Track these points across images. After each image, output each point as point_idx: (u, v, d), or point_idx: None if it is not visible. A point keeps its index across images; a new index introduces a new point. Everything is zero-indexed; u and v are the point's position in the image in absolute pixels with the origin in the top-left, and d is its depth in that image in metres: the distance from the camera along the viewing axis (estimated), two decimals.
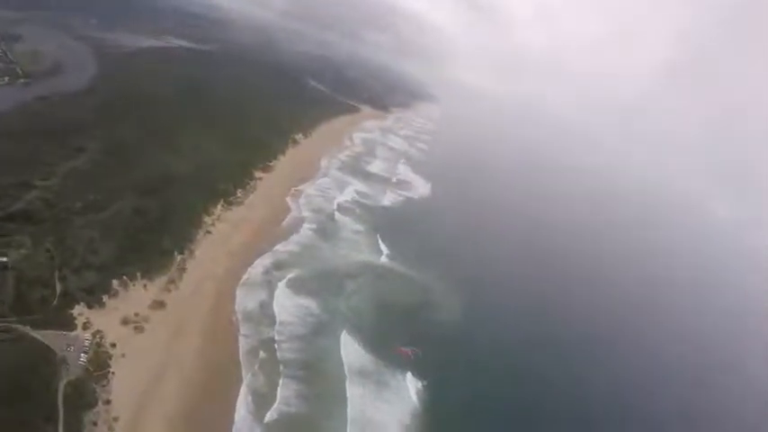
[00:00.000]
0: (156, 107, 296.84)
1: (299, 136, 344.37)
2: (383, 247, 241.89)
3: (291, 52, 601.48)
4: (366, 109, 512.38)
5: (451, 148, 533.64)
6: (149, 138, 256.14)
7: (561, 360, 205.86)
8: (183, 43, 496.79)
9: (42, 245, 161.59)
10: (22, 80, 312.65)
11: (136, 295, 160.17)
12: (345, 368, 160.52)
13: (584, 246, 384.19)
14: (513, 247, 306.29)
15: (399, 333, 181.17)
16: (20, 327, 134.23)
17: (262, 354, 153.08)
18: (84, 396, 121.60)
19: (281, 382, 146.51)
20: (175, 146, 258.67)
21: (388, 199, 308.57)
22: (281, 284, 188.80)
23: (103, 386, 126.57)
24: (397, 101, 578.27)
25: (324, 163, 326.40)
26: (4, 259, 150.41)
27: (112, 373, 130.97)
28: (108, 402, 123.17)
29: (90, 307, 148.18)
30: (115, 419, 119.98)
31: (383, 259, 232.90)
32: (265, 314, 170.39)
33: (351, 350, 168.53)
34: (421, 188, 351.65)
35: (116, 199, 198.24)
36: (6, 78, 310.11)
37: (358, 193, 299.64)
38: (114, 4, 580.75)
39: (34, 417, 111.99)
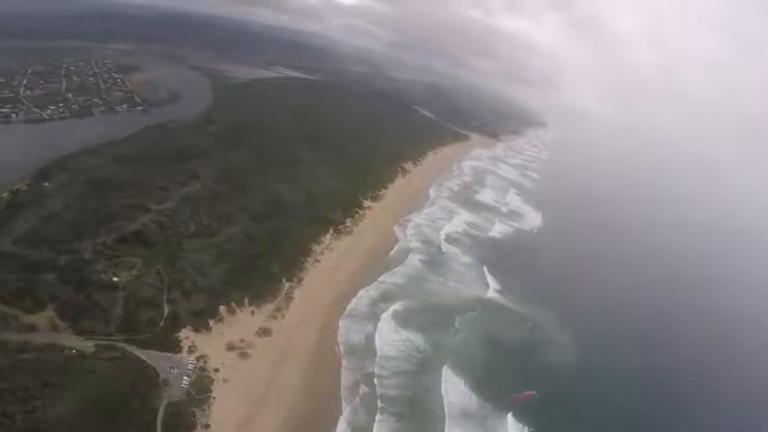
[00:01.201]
0: (267, 135, 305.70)
1: (408, 164, 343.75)
2: (491, 280, 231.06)
3: (399, 80, 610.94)
4: (475, 136, 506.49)
5: (563, 176, 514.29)
6: (261, 165, 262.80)
7: (685, 408, 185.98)
8: (293, 73, 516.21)
9: (153, 267, 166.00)
10: (139, 107, 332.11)
11: (243, 321, 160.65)
12: (446, 408, 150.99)
13: (701, 277, 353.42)
14: (629, 284, 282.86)
15: (506, 373, 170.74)
16: (126, 346, 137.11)
17: (363, 388, 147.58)
18: (183, 419, 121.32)
19: (378, 418, 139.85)
20: (287, 173, 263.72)
21: (498, 230, 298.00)
22: (386, 317, 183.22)
23: (204, 410, 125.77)
24: (506, 127, 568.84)
25: (432, 192, 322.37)
26: (115, 279, 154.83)
27: (214, 397, 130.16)
28: (207, 427, 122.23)
29: (196, 330, 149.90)
30: None
31: (491, 294, 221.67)
32: (368, 347, 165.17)
33: (453, 389, 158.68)
34: (532, 219, 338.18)
35: (228, 224, 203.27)
36: (125, 106, 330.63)
37: (467, 223, 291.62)
38: (227, 37, 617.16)
39: None
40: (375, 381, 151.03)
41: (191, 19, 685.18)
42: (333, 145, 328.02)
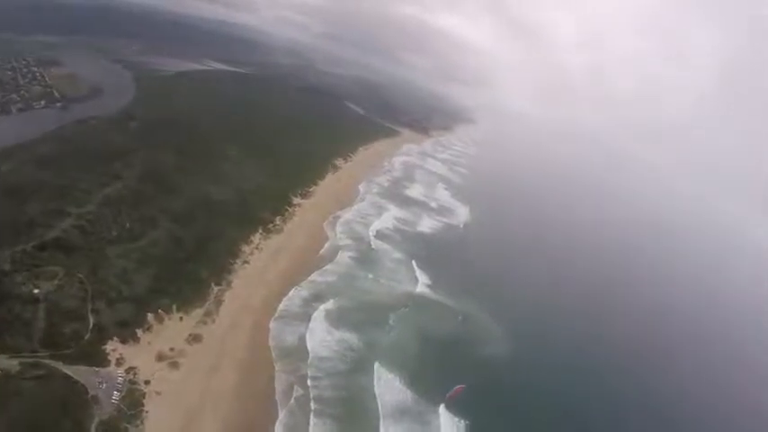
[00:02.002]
0: (194, 131, 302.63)
1: (338, 160, 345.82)
2: (421, 276, 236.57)
3: (330, 74, 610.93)
4: (405, 132, 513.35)
5: (492, 172, 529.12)
6: (187, 163, 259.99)
7: (608, 403, 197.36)
8: (223, 67, 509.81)
9: (75, 276, 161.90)
10: (58, 104, 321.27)
11: (171, 329, 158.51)
12: (380, 407, 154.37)
13: (626, 270, 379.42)
14: (556, 278, 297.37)
15: (438, 368, 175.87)
16: (51, 362, 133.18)
17: (297, 390, 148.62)
18: None
19: (313, 420, 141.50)
20: (214, 172, 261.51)
21: (427, 225, 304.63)
22: (318, 316, 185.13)
23: (137, 426, 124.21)
24: (436, 124, 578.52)
25: (362, 188, 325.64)
26: (36, 291, 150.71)
27: (146, 411, 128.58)
28: None
29: (124, 342, 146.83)
30: None
31: (422, 289, 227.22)
32: (301, 348, 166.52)
33: (387, 387, 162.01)
34: (460, 213, 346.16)
35: (152, 227, 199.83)
36: (43, 102, 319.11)
37: (396, 218, 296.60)
38: (157, 29, 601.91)
39: None
40: (309, 382, 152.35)
41: (120, 10, 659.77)
42: (262, 141, 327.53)
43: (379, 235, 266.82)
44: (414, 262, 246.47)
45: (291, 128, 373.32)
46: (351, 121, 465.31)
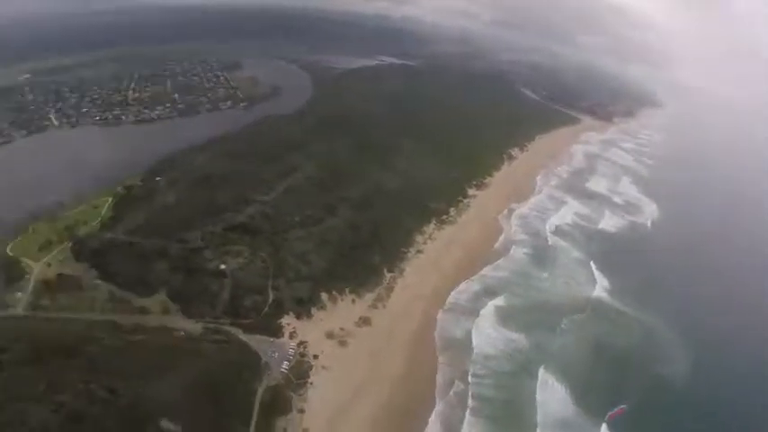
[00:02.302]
0: (367, 124, 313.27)
1: (514, 150, 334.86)
2: (600, 278, 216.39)
3: (503, 61, 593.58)
4: (586, 119, 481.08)
5: (682, 163, 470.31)
6: (362, 155, 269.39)
7: None
8: (392, 60, 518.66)
9: (259, 255, 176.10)
10: (242, 104, 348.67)
11: (343, 310, 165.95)
12: (539, 415, 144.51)
13: None
14: (756, 288, 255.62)
15: (608, 383, 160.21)
16: (231, 329, 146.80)
17: (457, 385, 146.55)
18: (280, 402, 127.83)
19: (468, 417, 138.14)
20: (388, 163, 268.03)
21: (609, 222, 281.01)
22: (487, 312, 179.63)
23: (300, 395, 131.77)
24: (619, 109, 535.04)
25: (540, 179, 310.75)
26: (223, 267, 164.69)
27: (311, 383, 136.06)
28: (302, 411, 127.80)
29: (298, 317, 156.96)
30: (305, 430, 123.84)
31: (600, 293, 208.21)
32: (467, 343, 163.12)
33: (550, 396, 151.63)
34: (646, 210, 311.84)
35: (331, 214, 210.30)
36: (229, 102, 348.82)
37: (576, 213, 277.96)
38: (322, 28, 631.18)
39: (229, 415, 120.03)
40: (470, 378, 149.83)
41: (289, 13, 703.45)
42: (435, 131, 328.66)
43: (557, 231, 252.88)
44: (593, 263, 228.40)
45: (465, 117, 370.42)
46: (527, 109, 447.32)
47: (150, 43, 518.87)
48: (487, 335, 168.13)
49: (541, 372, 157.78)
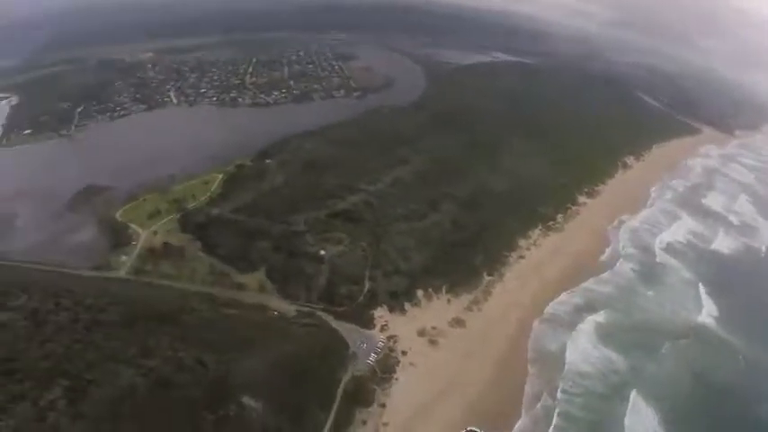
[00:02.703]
0: (479, 121, 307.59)
1: (629, 158, 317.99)
2: (708, 303, 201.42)
3: (620, 63, 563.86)
4: (706, 130, 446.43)
5: None
6: (472, 152, 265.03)
7: None
8: (506, 57, 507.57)
9: (359, 244, 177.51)
10: (355, 93, 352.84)
11: (438, 308, 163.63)
12: None
13: None
14: None
15: (703, 416, 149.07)
16: (323, 315, 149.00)
17: (545, 399, 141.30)
18: (362, 394, 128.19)
19: None
20: (498, 162, 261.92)
21: (724, 243, 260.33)
22: (586, 328, 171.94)
23: (384, 389, 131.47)
24: (742, 121, 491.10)
25: (654, 192, 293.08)
26: (322, 253, 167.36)
27: (396, 379, 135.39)
28: (383, 406, 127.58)
29: (391, 311, 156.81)
30: (385, 424, 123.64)
31: (706, 319, 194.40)
32: (561, 358, 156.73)
33: (639, 422, 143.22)
34: (764, 234, 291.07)
35: (435, 210, 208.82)
36: (342, 91, 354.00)
37: (689, 231, 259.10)
38: (439, 22, 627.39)
39: (311, 401, 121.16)
40: (559, 395, 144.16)
41: (404, 5, 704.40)
42: (548, 133, 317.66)
43: (667, 248, 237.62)
44: (701, 285, 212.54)
45: (579, 120, 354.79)
46: (644, 115, 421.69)
47: (269, 30, 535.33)
48: (583, 351, 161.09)
49: (633, 395, 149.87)
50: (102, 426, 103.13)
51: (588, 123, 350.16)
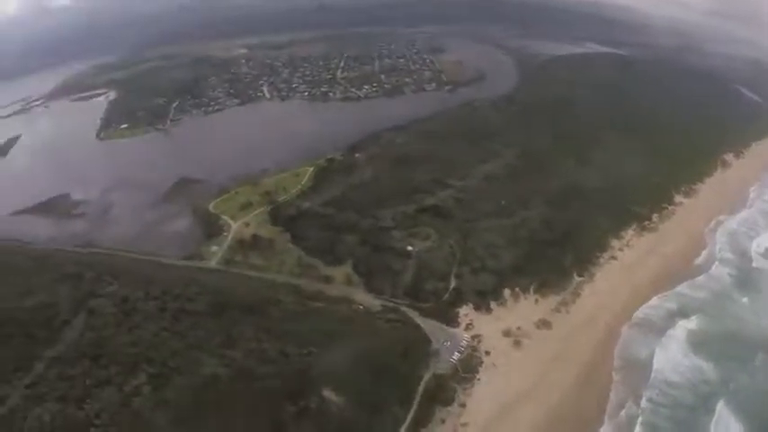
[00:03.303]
0: (571, 115, 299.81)
1: (729, 156, 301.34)
2: None
3: (719, 56, 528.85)
4: None
5: None
6: (564, 147, 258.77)
7: None
8: (600, 48, 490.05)
9: (447, 240, 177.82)
10: (446, 87, 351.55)
11: (524, 309, 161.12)
12: None
13: None
14: None
15: None
16: (408, 310, 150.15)
17: (630, 408, 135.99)
18: (443, 392, 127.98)
19: None
20: (590, 158, 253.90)
21: None
22: (677, 334, 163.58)
23: (465, 389, 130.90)
24: None
25: (754, 192, 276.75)
26: (409, 248, 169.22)
27: (479, 379, 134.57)
28: (463, 406, 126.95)
29: (477, 309, 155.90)
30: (464, 425, 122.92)
31: None
32: (648, 364, 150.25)
33: None
34: None
35: (525, 207, 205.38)
36: (433, 85, 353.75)
37: None
38: (531, 13, 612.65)
39: (391, 397, 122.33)
40: (644, 404, 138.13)
41: None
42: (642, 128, 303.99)
43: (766, 253, 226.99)
44: None
45: (675, 115, 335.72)
46: (743, 111, 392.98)
47: (359, 25, 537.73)
48: (673, 359, 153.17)
49: (721, 407, 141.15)
50: (185, 413, 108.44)
51: (685, 118, 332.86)
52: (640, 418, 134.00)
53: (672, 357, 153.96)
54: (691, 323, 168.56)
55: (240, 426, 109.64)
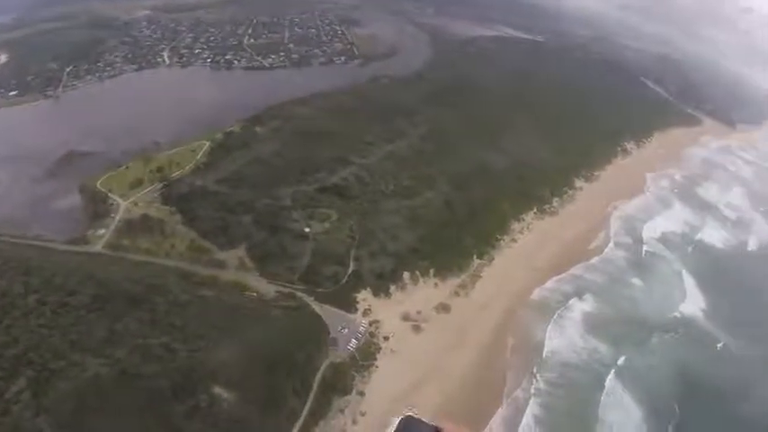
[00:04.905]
0: (480, 97, 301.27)
1: (630, 145, 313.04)
2: (697, 296, 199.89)
3: (628, 48, 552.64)
4: (707, 121, 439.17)
5: None
6: (470, 128, 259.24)
7: None
8: (513, 32, 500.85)
9: (347, 222, 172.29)
10: (357, 61, 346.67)
11: (423, 292, 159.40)
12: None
13: None
14: None
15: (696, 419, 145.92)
16: (304, 296, 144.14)
17: (525, 388, 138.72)
18: (341, 381, 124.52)
19: (528, 424, 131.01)
20: (496, 141, 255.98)
21: (716, 236, 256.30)
22: (572, 315, 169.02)
23: (363, 377, 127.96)
24: (743, 115, 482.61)
25: (650, 179, 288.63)
26: (307, 230, 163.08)
27: (377, 366, 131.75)
28: (362, 394, 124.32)
29: (375, 294, 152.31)
30: (362, 414, 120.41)
31: (695, 311, 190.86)
32: (546, 346, 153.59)
33: (617, 414, 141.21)
34: (759, 230, 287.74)
35: (427, 188, 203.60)
36: (343, 58, 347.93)
37: (681, 221, 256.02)
38: None
39: (286, 389, 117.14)
40: (541, 384, 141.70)
41: None
42: (549, 114, 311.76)
43: (659, 237, 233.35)
44: (692, 278, 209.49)
45: (582, 103, 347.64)
46: (647, 102, 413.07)
47: None
48: (569, 340, 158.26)
49: (614, 386, 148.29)
50: (67, 419, 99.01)
51: (592, 106, 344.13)
52: (537, 399, 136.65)
53: (568, 338, 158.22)
54: (585, 305, 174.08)
55: (126, 430, 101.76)
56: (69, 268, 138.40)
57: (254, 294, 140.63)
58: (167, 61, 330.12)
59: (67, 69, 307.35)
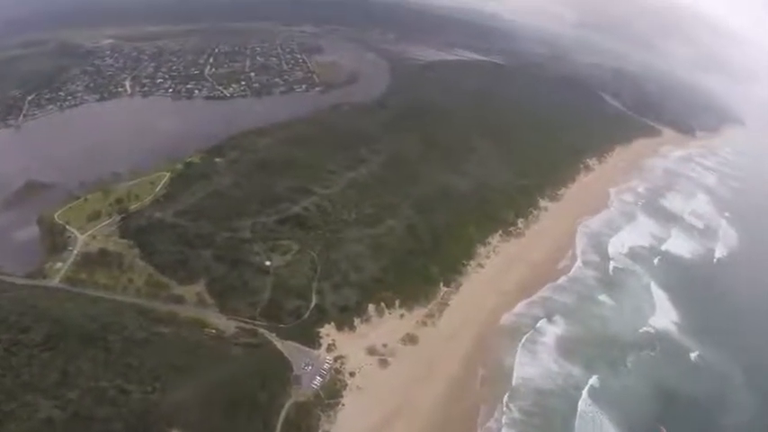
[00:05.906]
0: (442, 121, 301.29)
1: (592, 161, 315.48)
2: (669, 309, 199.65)
3: (583, 64, 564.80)
4: (667, 132, 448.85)
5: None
6: (432, 153, 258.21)
7: None
8: (472, 55, 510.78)
9: (308, 253, 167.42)
10: (318, 88, 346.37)
11: (389, 324, 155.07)
12: None
13: None
14: None
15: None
16: (266, 333, 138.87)
17: (497, 418, 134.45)
18: (305, 421, 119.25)
19: None
20: (458, 165, 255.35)
21: (683, 246, 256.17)
22: (544, 340, 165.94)
23: (329, 416, 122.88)
24: (702, 124, 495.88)
25: (614, 193, 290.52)
26: (268, 263, 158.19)
27: (343, 404, 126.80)
28: None
29: (339, 328, 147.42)
30: None
31: (668, 325, 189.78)
32: (519, 375, 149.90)
33: None
34: (725, 236, 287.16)
35: (391, 215, 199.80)
36: (304, 86, 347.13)
37: (648, 234, 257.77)
38: (410, 18, 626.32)
39: (248, 429, 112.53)
40: (514, 413, 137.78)
41: (376, 0, 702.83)
42: (511, 134, 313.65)
43: (626, 252, 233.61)
44: (661, 291, 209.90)
45: (543, 121, 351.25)
46: (607, 117, 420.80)
47: (236, 20, 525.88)
48: (539, 365, 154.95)
49: (589, 409, 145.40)
50: None
51: (552, 125, 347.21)
52: (510, 430, 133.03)
53: (540, 363, 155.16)
54: (557, 327, 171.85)
55: None
56: (25, 304, 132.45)
57: (214, 331, 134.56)
58: (129, 90, 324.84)
59: (29, 98, 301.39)
